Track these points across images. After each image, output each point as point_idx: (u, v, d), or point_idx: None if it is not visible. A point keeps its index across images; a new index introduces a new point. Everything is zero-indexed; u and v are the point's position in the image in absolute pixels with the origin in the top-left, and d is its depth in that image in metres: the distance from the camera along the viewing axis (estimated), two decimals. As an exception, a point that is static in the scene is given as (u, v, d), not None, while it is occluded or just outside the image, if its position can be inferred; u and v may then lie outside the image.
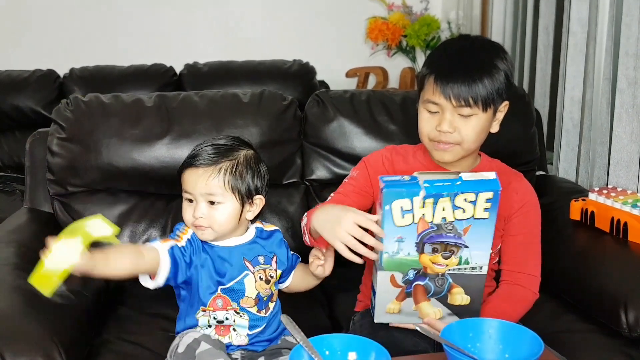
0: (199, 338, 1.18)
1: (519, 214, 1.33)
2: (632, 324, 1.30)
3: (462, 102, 1.21)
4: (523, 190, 1.36)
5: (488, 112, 1.24)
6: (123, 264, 1.12)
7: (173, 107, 1.72)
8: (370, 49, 3.30)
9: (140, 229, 1.68)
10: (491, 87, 1.22)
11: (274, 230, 1.35)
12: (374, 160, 1.38)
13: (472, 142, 1.26)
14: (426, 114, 1.27)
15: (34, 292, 1.28)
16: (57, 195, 1.68)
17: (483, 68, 1.22)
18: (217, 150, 1.24)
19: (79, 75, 2.89)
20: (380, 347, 0.95)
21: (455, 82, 1.21)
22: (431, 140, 1.27)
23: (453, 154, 1.27)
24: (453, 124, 1.23)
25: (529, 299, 1.31)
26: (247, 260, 1.26)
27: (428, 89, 1.25)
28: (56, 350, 1.15)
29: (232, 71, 2.97)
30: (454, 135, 1.24)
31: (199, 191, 1.22)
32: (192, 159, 1.24)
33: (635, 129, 1.82)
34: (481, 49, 1.28)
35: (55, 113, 1.68)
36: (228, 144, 1.27)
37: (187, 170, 1.24)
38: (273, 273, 1.29)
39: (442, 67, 1.24)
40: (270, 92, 1.82)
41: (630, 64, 1.81)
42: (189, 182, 1.23)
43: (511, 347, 0.99)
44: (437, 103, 1.23)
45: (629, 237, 1.50)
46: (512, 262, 1.33)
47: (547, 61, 2.41)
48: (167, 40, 3.25)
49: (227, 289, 1.24)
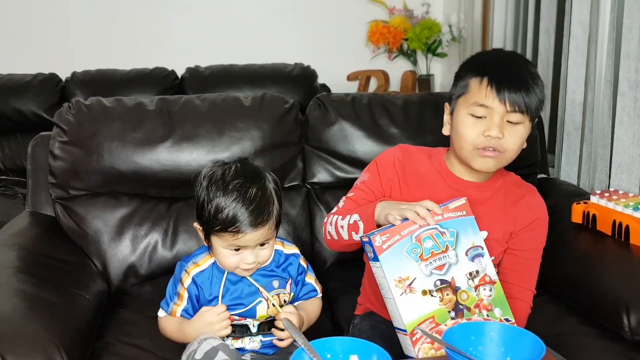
0: (217, 347, 1.15)
1: (528, 229, 1.32)
2: (634, 327, 1.30)
3: (516, 108, 1.19)
4: (536, 205, 1.34)
5: (531, 123, 1.24)
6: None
7: (175, 111, 1.72)
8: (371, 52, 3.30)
9: (141, 233, 1.68)
10: (540, 98, 1.22)
11: (291, 255, 1.28)
12: (385, 162, 1.35)
13: (514, 152, 1.24)
14: (471, 119, 1.23)
15: (35, 295, 1.29)
16: (59, 198, 1.68)
17: (534, 79, 1.22)
18: (261, 196, 1.15)
19: (81, 78, 2.89)
20: (381, 350, 0.95)
21: (512, 87, 1.19)
22: (476, 148, 1.23)
23: (497, 162, 1.24)
24: (502, 130, 1.20)
25: (525, 313, 1.31)
26: (261, 287, 1.23)
27: (477, 92, 1.21)
28: (57, 353, 1.15)
29: (234, 74, 2.98)
30: (501, 142, 1.21)
31: (256, 243, 1.17)
32: (247, 221, 1.13)
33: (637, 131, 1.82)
34: (524, 61, 1.28)
35: (57, 116, 1.69)
36: (252, 180, 1.17)
37: (245, 235, 1.14)
38: (287, 297, 1.26)
39: (496, 71, 1.21)
40: (272, 95, 1.82)
41: (632, 66, 1.81)
42: (247, 240, 1.15)
43: (513, 350, 0.99)
44: (488, 106, 1.20)
45: (631, 240, 1.49)
46: (512, 275, 1.31)
47: (548, 64, 2.41)
48: (168, 44, 3.26)
49: (239, 314, 1.23)
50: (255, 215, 1.14)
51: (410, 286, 1.09)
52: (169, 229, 1.70)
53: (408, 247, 1.10)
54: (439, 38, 3.14)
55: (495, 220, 1.30)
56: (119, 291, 1.65)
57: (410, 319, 1.09)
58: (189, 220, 1.71)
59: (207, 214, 1.16)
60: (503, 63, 1.25)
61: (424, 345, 1.10)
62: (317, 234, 1.79)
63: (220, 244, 1.18)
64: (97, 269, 1.63)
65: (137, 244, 1.68)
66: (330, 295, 1.64)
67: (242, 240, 1.15)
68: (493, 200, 1.31)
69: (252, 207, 1.14)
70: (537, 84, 1.23)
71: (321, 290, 1.33)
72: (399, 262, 1.09)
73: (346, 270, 1.73)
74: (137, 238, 1.68)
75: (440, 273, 1.11)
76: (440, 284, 1.11)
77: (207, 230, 1.18)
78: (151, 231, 1.69)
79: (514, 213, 1.31)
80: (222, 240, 1.17)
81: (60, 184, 1.67)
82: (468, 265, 1.13)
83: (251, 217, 1.14)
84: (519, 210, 1.32)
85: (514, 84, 1.20)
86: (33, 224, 1.65)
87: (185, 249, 1.69)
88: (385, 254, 1.08)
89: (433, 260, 1.11)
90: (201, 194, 1.18)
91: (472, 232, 1.14)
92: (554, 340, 1.26)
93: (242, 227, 1.14)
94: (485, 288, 1.14)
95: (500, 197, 1.32)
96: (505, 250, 1.32)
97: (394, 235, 1.09)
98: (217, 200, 1.15)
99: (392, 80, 3.31)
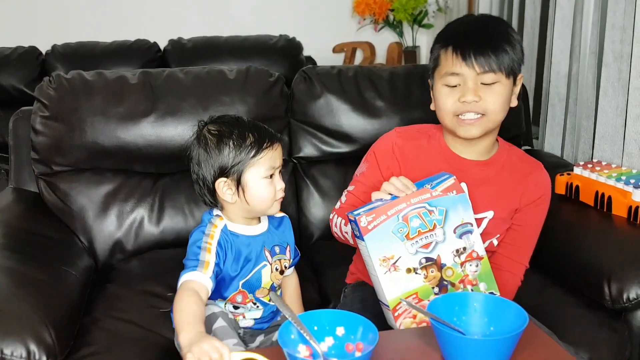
0: (218, 313, 1.18)
1: (533, 205, 1.31)
2: (615, 296, 1.32)
3: (486, 68, 1.18)
4: (542, 182, 1.33)
5: (510, 79, 1.22)
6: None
7: (157, 84, 1.70)
8: (357, 23, 3.27)
9: (127, 209, 1.68)
10: (512, 54, 1.20)
11: (283, 217, 1.33)
12: (384, 150, 1.33)
13: (497, 112, 1.22)
14: (446, 89, 1.22)
15: (21, 272, 1.29)
16: (42, 174, 1.66)
17: (502, 36, 1.21)
18: (260, 124, 1.26)
19: (61, 51, 2.84)
20: (368, 322, 0.96)
21: (477, 48, 1.18)
22: (455, 116, 1.23)
23: (480, 127, 1.23)
24: (477, 93, 1.20)
25: (515, 287, 1.32)
26: (267, 250, 1.25)
27: (446, 63, 1.21)
28: (45, 330, 1.15)
29: (217, 47, 2.94)
30: (479, 105, 1.20)
31: (279, 164, 1.24)
32: (270, 133, 1.23)
33: (621, 103, 1.83)
34: (495, 22, 1.26)
35: (38, 91, 1.66)
36: (245, 120, 1.27)
37: (276, 144, 1.23)
38: (287, 263, 1.29)
39: (459, 38, 1.20)
40: (257, 68, 1.80)
41: (617, 37, 1.81)
42: (272, 159, 1.22)
43: (496, 320, 1.01)
44: (458, 73, 1.20)
45: (613, 211, 1.51)
46: (509, 248, 1.32)
47: (534, 35, 2.40)
48: (150, 15, 3.20)
49: (246, 282, 1.23)
50: (268, 129, 1.25)
51: (395, 265, 1.10)
52: (155, 205, 1.69)
53: (394, 226, 1.10)
54: (425, 9, 3.11)
55: (501, 199, 1.29)
56: (106, 267, 1.64)
57: (393, 296, 1.10)
58: (174, 196, 1.71)
59: (234, 151, 1.20)
60: (468, 28, 1.24)
61: (406, 319, 1.12)
62: (303, 209, 1.79)
63: (259, 173, 1.21)
64: (83, 245, 1.63)
65: (123, 219, 1.67)
66: (318, 268, 1.66)
67: (276, 154, 1.23)
68: (499, 179, 1.30)
69: (259, 124, 1.25)
70: (509, 41, 1.21)
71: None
72: (384, 242, 1.10)
73: (333, 243, 1.72)
74: (123, 214, 1.67)
75: (426, 251, 1.12)
76: (425, 261, 1.12)
77: (241, 168, 1.20)
78: (137, 207, 1.68)
79: (520, 190, 1.30)
80: (260, 166, 1.21)
81: (43, 160, 1.65)
82: (456, 242, 1.14)
83: (268, 130, 1.24)
84: (525, 187, 1.30)
85: (479, 45, 1.18)
86: (17, 200, 1.64)
87: (171, 224, 1.69)
88: (370, 234, 1.09)
89: (419, 239, 1.11)
90: (211, 151, 1.21)
91: (462, 208, 1.14)
92: (537, 310, 1.28)
93: (271, 138, 1.22)
94: (472, 264, 1.15)
95: (506, 175, 1.31)
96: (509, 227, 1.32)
97: (380, 215, 1.10)
98: (232, 136, 1.21)
99: (378, 52, 3.28)
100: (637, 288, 1.31)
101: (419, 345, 1.02)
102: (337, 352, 0.96)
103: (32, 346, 1.12)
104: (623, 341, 1.35)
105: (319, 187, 1.80)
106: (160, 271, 1.56)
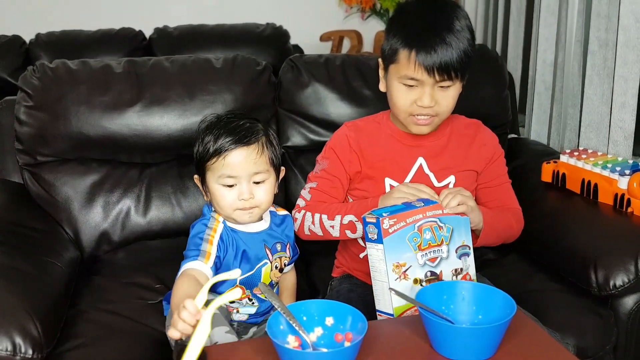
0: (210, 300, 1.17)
1: (492, 163, 1.38)
2: (602, 282, 1.34)
3: (446, 77, 1.20)
4: (488, 140, 1.39)
5: (463, 81, 1.25)
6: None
7: (143, 73, 1.68)
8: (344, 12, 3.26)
9: (113, 199, 1.66)
10: (467, 57, 1.21)
11: (286, 216, 1.33)
12: (341, 145, 1.36)
13: (449, 112, 1.27)
14: (403, 88, 1.24)
15: (6, 264, 1.27)
16: (26, 165, 1.64)
17: (461, 38, 1.20)
18: (248, 126, 1.20)
19: (45, 40, 2.80)
20: (357, 312, 0.96)
21: (439, 58, 1.18)
22: (410, 115, 1.26)
23: (432, 126, 1.28)
24: (434, 97, 1.23)
25: (519, 214, 1.39)
26: (267, 248, 1.25)
27: (407, 66, 1.21)
28: (31, 322, 1.14)
29: (204, 35, 2.91)
30: (434, 108, 1.24)
31: (247, 172, 1.17)
32: (230, 140, 1.16)
33: (606, 91, 1.84)
34: (451, 16, 1.22)
35: (22, 80, 1.63)
36: (242, 118, 1.22)
37: (231, 153, 1.17)
38: (287, 261, 1.29)
39: (422, 42, 1.19)
40: (244, 57, 1.78)
41: (602, 25, 1.82)
42: (234, 165, 1.16)
43: (484, 309, 1.02)
44: (418, 79, 1.21)
45: (599, 199, 1.53)
46: (495, 204, 1.37)
47: (519, 24, 2.40)
48: (136, 3, 3.16)
49: (244, 279, 1.23)
50: (238, 135, 1.17)
51: (405, 273, 1.11)
52: (142, 195, 1.68)
53: (410, 235, 1.11)
54: (412, -3, 3.10)
55: (457, 164, 1.34)
56: (92, 258, 1.63)
57: (399, 304, 1.11)
58: (161, 186, 1.69)
59: (200, 150, 1.19)
60: (428, 28, 1.21)
61: None
62: (291, 198, 1.79)
63: (214, 179, 1.18)
64: (69, 237, 1.61)
65: (109, 210, 1.65)
66: (307, 258, 1.65)
67: (230, 163, 1.16)
68: (450, 146, 1.35)
69: (236, 130, 1.18)
70: (472, 45, 1.22)
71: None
72: (400, 247, 1.10)
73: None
74: (109, 205, 1.66)
75: (432, 265, 1.14)
76: (430, 275, 1.14)
77: (202, 171, 1.18)
78: (123, 197, 1.67)
79: (473, 155, 1.36)
80: (214, 172, 1.17)
81: (27, 150, 1.63)
82: (456, 261, 1.16)
83: (234, 136, 1.17)
84: (475, 150, 1.36)
85: (441, 54, 1.18)
86: (0, 191, 1.62)
87: (158, 215, 1.68)
88: (390, 238, 1.09)
89: (429, 252, 1.13)
90: (196, 142, 1.21)
91: (464, 231, 1.17)
92: (524, 297, 1.30)
93: (225, 145, 1.16)
94: None
95: (455, 140, 1.36)
96: (476, 187, 1.38)
97: (400, 221, 1.10)
98: (205, 132, 1.20)
99: (366, 40, 3.28)
100: (623, 275, 1.32)
101: (408, 334, 1.03)
102: (327, 342, 0.96)
103: (17, 339, 1.10)
104: (609, 327, 1.36)
105: (306, 176, 1.79)
106: (147, 262, 1.56)
